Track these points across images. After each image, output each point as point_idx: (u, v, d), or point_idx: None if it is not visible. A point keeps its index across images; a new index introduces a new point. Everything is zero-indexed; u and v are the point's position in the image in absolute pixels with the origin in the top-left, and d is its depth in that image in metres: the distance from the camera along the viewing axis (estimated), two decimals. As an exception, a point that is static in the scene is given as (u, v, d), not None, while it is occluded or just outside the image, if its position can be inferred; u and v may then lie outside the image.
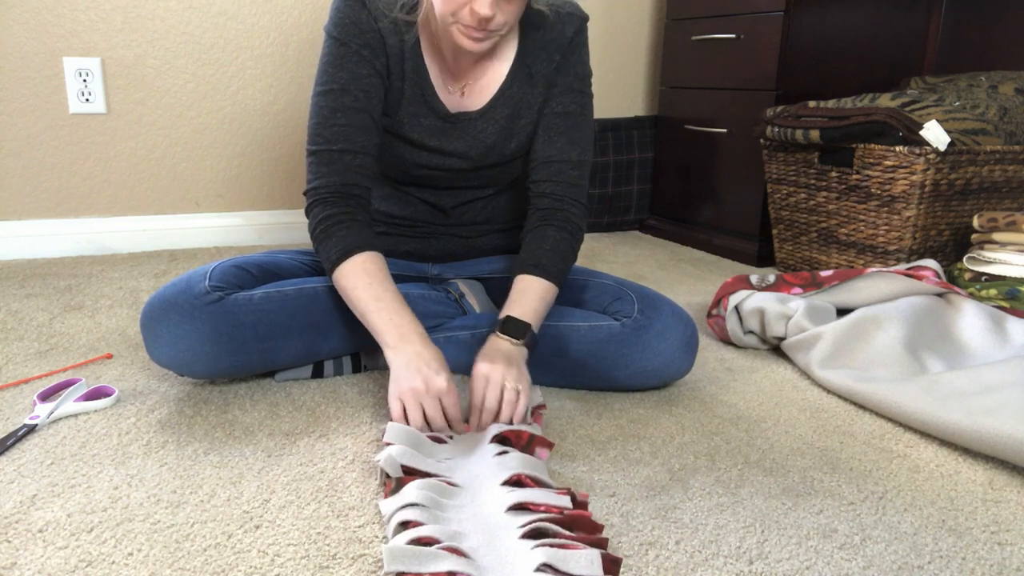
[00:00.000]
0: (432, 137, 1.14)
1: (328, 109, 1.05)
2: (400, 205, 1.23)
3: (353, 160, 1.06)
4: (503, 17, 0.96)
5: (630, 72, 2.54)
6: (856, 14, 2.02)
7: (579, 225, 1.14)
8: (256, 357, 1.07)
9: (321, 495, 0.83)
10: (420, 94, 1.11)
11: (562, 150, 1.14)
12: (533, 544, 0.70)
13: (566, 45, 1.13)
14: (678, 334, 1.11)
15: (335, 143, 1.05)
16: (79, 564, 0.71)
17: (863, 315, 1.26)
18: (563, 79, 1.14)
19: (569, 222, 1.13)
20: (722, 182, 2.16)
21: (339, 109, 1.05)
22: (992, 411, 0.97)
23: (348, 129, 1.05)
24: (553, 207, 1.13)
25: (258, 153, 2.09)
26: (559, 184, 1.14)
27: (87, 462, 0.89)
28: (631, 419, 1.06)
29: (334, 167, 1.05)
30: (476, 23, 0.95)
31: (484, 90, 1.14)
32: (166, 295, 1.02)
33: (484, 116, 1.14)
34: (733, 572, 0.73)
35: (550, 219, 1.12)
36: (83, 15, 1.84)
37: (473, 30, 0.97)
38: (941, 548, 0.78)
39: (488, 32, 0.97)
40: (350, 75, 1.05)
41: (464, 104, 1.14)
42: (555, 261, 1.09)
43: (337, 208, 1.04)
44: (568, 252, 1.12)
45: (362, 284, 1.00)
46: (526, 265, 1.09)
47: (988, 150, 1.66)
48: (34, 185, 1.89)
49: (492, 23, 0.96)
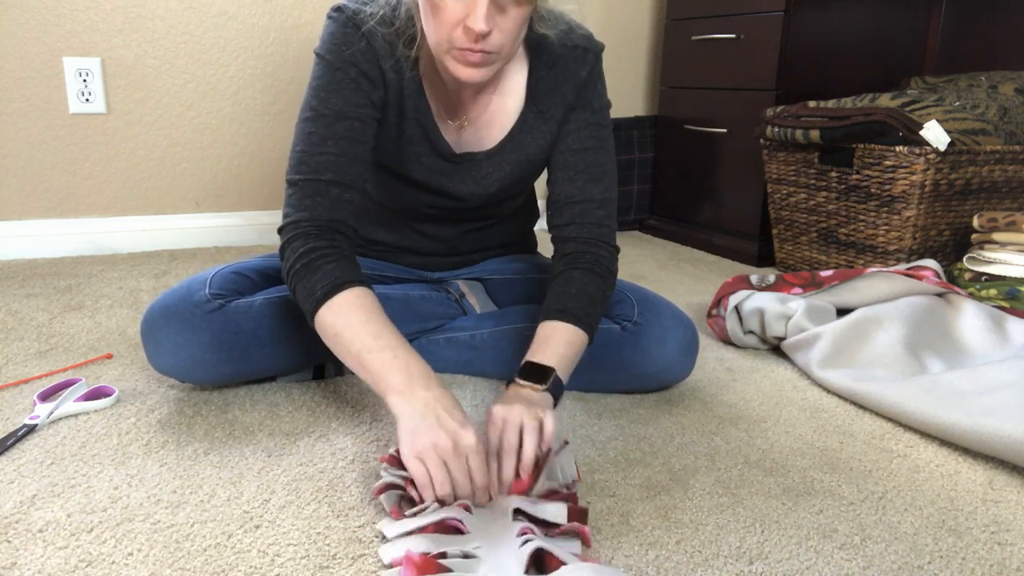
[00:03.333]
0: (434, 177, 1.07)
1: (318, 136, 0.94)
2: (396, 235, 1.19)
3: (342, 194, 0.94)
4: (500, 36, 0.86)
5: (630, 72, 2.54)
6: (856, 14, 2.02)
7: (609, 268, 1.03)
8: (258, 363, 1.06)
9: (321, 495, 0.83)
10: (422, 132, 1.03)
11: (583, 189, 1.04)
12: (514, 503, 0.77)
13: (580, 84, 1.04)
14: (678, 338, 1.10)
15: (323, 173, 0.93)
16: (79, 564, 0.71)
17: (863, 315, 1.26)
18: (578, 116, 1.05)
19: (598, 264, 1.02)
20: (722, 182, 2.16)
21: (330, 137, 0.94)
22: (992, 411, 0.97)
23: (340, 160, 0.94)
24: (579, 251, 1.03)
25: (258, 153, 2.09)
26: (584, 226, 1.03)
27: (87, 462, 0.89)
28: (631, 419, 1.06)
29: (320, 200, 0.92)
30: (472, 41, 0.85)
31: (491, 129, 1.06)
32: (166, 303, 1.01)
33: (491, 159, 1.07)
34: (733, 572, 0.73)
35: (576, 263, 1.01)
36: (83, 15, 1.84)
37: (469, 53, 0.86)
38: (941, 548, 0.78)
39: (486, 55, 0.87)
40: (345, 102, 0.95)
41: (470, 143, 1.06)
42: (582, 305, 0.97)
43: (322, 241, 0.91)
44: (598, 296, 1.00)
45: (356, 320, 0.86)
46: (550, 311, 0.97)
47: (988, 150, 1.66)
48: (34, 185, 1.89)
49: (489, 42, 0.85)
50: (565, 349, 0.93)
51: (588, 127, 1.05)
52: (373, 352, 0.83)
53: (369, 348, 0.83)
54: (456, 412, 0.79)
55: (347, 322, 0.86)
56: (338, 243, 0.92)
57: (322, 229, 0.92)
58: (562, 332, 0.95)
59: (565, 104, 1.04)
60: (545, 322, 0.96)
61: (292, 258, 0.91)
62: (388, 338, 0.84)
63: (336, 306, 0.86)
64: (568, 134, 1.05)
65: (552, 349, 0.93)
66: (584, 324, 0.96)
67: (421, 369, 0.82)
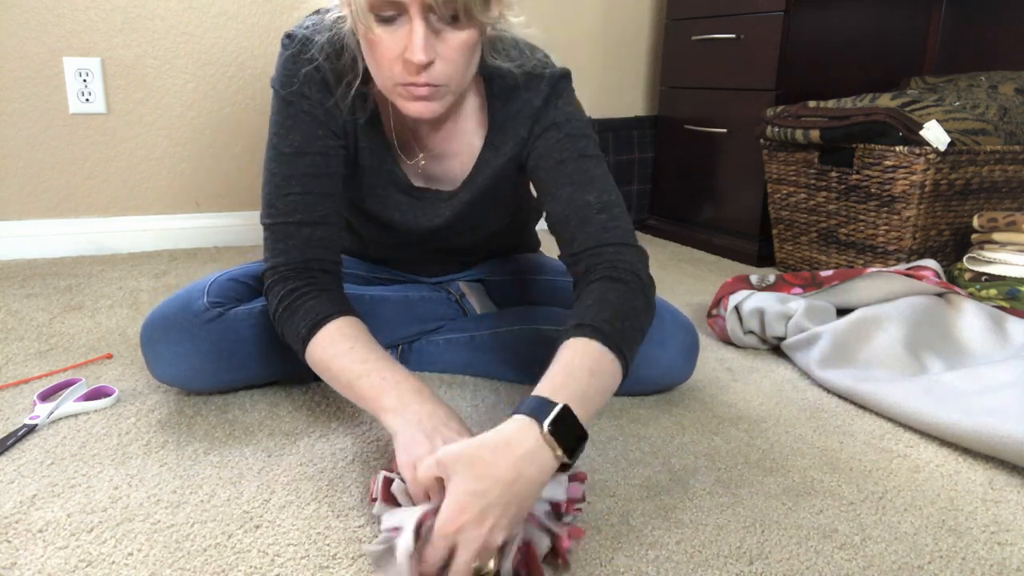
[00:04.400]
0: (389, 211, 1.05)
1: (281, 176, 0.93)
2: (392, 253, 1.19)
3: (313, 233, 0.92)
4: (444, 65, 0.82)
5: (630, 72, 2.54)
6: (856, 14, 2.02)
7: (631, 270, 0.88)
8: (258, 371, 1.06)
9: (321, 495, 0.83)
10: (379, 163, 1.00)
11: (573, 198, 0.92)
12: None
13: (536, 112, 0.96)
14: (678, 342, 1.09)
15: (291, 215, 0.92)
16: (79, 564, 0.71)
17: (863, 315, 1.26)
18: (545, 136, 0.96)
19: (615, 268, 0.88)
20: (722, 182, 2.16)
21: (293, 176, 0.92)
22: (992, 411, 0.97)
23: (306, 198, 0.92)
24: (592, 264, 0.90)
25: (258, 153, 2.09)
26: (589, 235, 0.91)
27: (87, 462, 0.89)
28: (631, 419, 1.06)
29: (291, 243, 0.92)
30: (415, 74, 0.81)
31: (452, 162, 1.02)
32: (165, 313, 1.01)
33: (453, 199, 1.04)
34: (733, 572, 0.73)
35: (592, 275, 0.89)
36: (83, 15, 1.84)
37: (414, 87, 0.82)
38: (941, 548, 0.78)
39: (433, 88, 0.83)
40: (303, 137, 0.93)
41: (431, 177, 1.03)
42: (605, 316, 0.80)
43: (300, 281, 0.91)
44: (623, 304, 0.83)
45: (342, 351, 0.84)
46: (568, 328, 0.81)
47: (988, 150, 1.66)
48: (34, 185, 1.89)
49: (432, 74, 0.81)
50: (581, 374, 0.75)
51: (559, 142, 0.95)
52: (362, 378, 0.81)
53: (358, 375, 0.82)
54: (453, 423, 0.77)
55: (333, 353, 0.85)
56: (316, 279, 0.92)
57: (298, 271, 0.92)
58: (583, 355, 0.77)
59: (517, 139, 0.98)
60: (563, 344, 0.79)
61: (274, 303, 0.91)
62: (375, 361, 0.83)
63: (320, 341, 0.86)
64: (540, 158, 0.96)
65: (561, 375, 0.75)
66: (608, 339, 0.78)
67: (412, 385, 0.80)
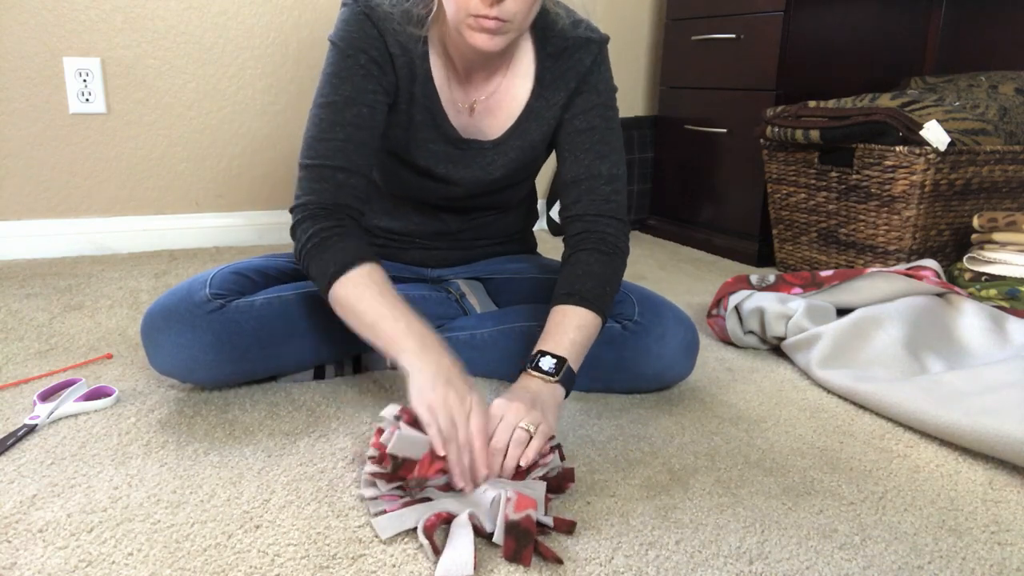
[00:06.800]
0: (440, 164, 1.09)
1: (327, 122, 0.98)
2: (400, 222, 1.21)
3: (347, 179, 0.98)
4: (513, 4, 0.89)
5: (630, 72, 2.54)
6: (856, 14, 2.02)
7: (617, 245, 1.04)
8: (259, 364, 1.06)
9: (321, 495, 0.83)
10: (431, 118, 1.06)
11: (590, 166, 1.05)
12: None
13: (584, 72, 1.07)
14: (679, 338, 1.10)
15: (331, 159, 0.97)
16: (79, 564, 0.71)
17: (863, 315, 1.26)
18: (584, 99, 1.07)
19: (604, 242, 1.03)
20: (722, 182, 2.16)
21: (339, 123, 0.98)
22: (992, 411, 0.97)
23: (346, 145, 0.98)
24: (586, 230, 1.04)
25: (258, 153, 2.09)
26: (591, 202, 1.05)
27: (87, 462, 0.89)
28: (631, 419, 1.06)
29: (326, 185, 0.97)
30: (488, 7, 0.88)
31: (498, 114, 1.08)
32: (166, 304, 1.01)
33: (497, 148, 1.10)
34: (733, 572, 0.73)
35: (583, 243, 1.04)
36: (83, 15, 1.84)
37: (484, 19, 0.89)
38: (941, 548, 0.78)
39: (500, 23, 0.89)
40: (354, 88, 0.98)
41: (477, 129, 1.09)
42: (592, 286, 0.99)
43: (331, 222, 0.96)
44: (607, 275, 1.02)
45: (370, 294, 0.91)
46: (560, 295, 0.99)
47: (988, 150, 1.66)
48: (34, 185, 1.89)
49: (503, 9, 0.88)
50: (576, 334, 0.95)
51: (594, 108, 1.07)
52: (388, 320, 0.88)
53: (384, 316, 0.88)
54: (466, 377, 0.85)
55: (361, 295, 0.91)
56: (344, 224, 0.97)
57: (329, 212, 0.97)
58: (573, 316, 0.97)
59: (568, 91, 1.07)
60: (556, 307, 0.98)
61: (304, 237, 0.96)
62: (403, 309, 0.89)
63: (350, 281, 0.91)
64: (574, 116, 1.07)
65: (564, 335, 0.95)
66: (595, 306, 0.98)
67: (435, 340, 0.88)
